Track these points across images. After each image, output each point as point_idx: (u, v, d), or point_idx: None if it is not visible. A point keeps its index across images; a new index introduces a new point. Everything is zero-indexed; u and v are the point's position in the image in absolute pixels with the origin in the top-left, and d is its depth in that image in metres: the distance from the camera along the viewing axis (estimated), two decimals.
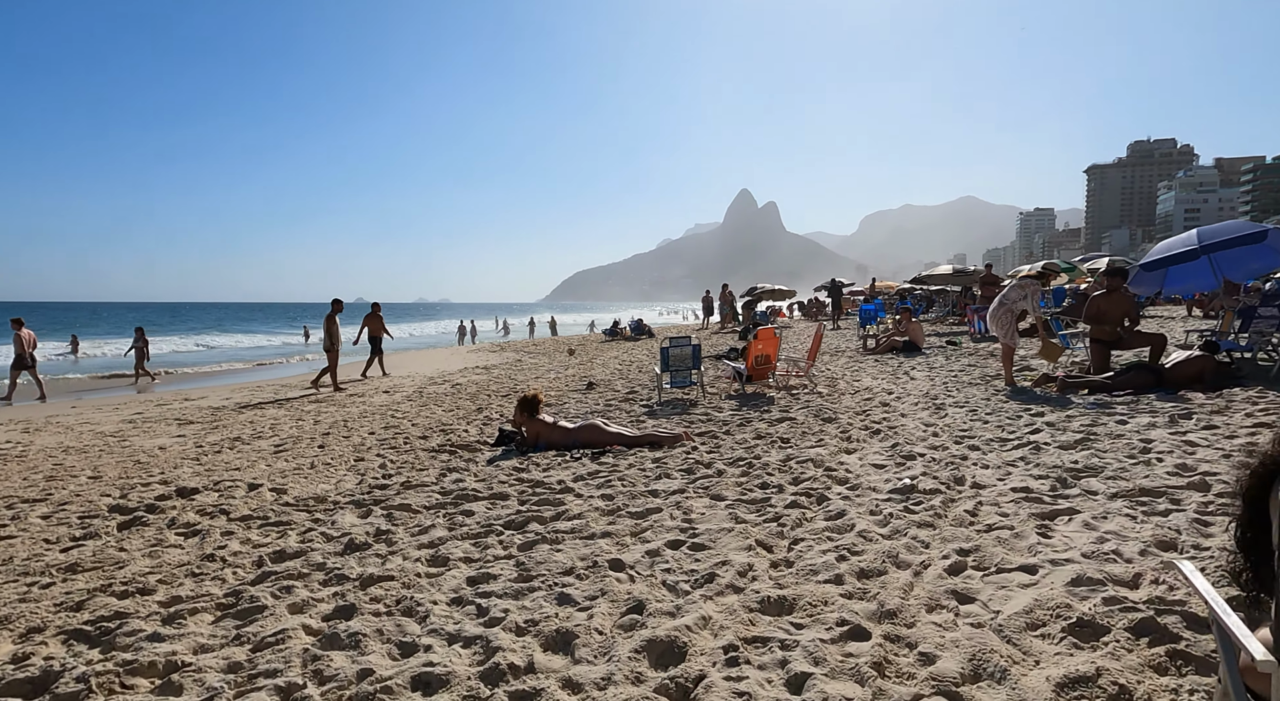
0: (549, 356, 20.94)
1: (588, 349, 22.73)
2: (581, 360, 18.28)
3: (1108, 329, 8.46)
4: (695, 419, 7.86)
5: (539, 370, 16.07)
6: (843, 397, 8.76)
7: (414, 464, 6.26)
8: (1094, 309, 8.66)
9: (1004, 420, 6.49)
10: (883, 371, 11.36)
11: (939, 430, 6.24)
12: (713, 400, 9.28)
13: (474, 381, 14.21)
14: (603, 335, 29.14)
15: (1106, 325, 8.48)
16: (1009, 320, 8.69)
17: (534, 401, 6.75)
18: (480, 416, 9.10)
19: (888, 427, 6.53)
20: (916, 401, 7.93)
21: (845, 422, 6.95)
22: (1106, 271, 8.89)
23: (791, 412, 7.90)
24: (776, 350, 9.73)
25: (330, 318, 14.33)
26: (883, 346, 14.11)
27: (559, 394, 11.09)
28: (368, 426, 8.80)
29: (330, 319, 14.31)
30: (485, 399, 11.05)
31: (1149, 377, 7.57)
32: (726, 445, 6.21)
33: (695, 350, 9.26)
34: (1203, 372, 7.47)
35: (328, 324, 14.24)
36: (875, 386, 9.61)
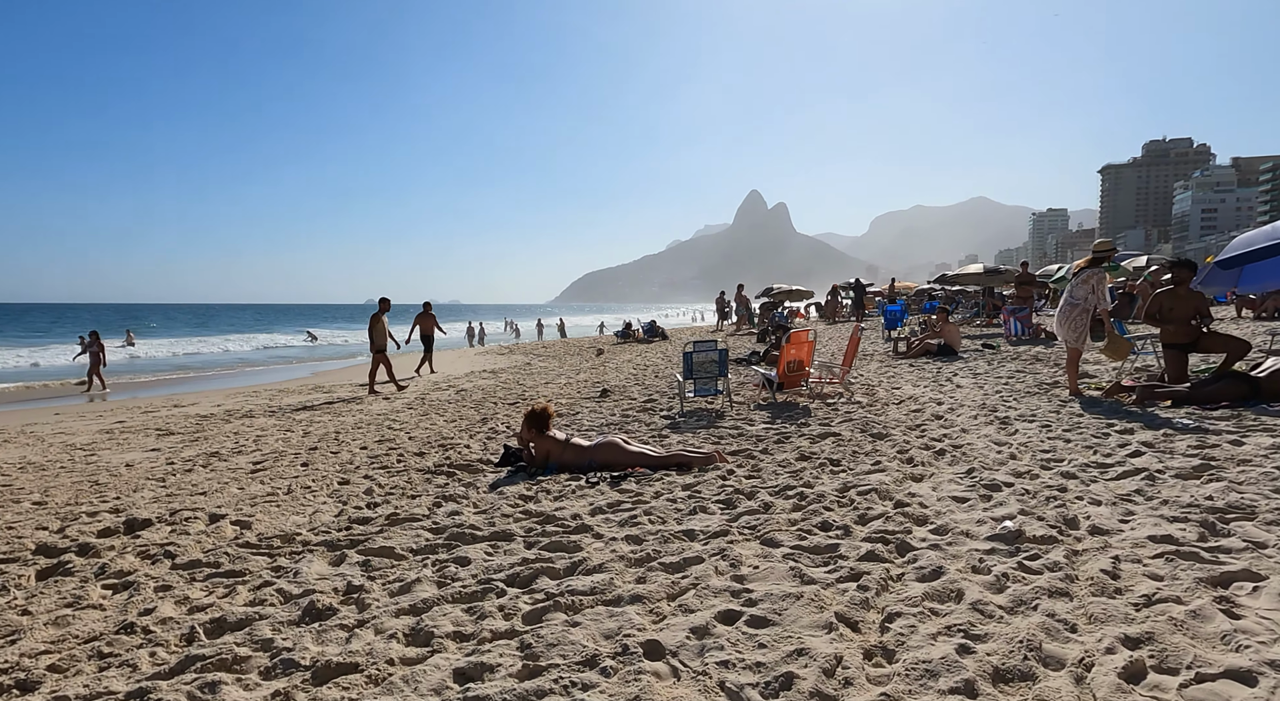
0: (559, 360, 20.12)
1: (595, 353, 21.88)
2: (594, 364, 17.43)
3: (1184, 330, 7.50)
4: (724, 433, 6.98)
5: (549, 374, 15.24)
6: (887, 408, 7.86)
7: (405, 489, 5.41)
8: (1156, 306, 7.68)
9: (1089, 439, 5.57)
10: (923, 377, 10.44)
11: (1015, 451, 5.33)
12: (741, 410, 8.40)
13: (480, 387, 13.38)
14: (614, 337, 28.29)
15: (1172, 325, 7.54)
16: (1083, 322, 7.76)
17: (543, 416, 5.90)
18: (484, 428, 8.25)
19: (951, 447, 5.63)
20: (975, 414, 7.02)
21: (900, 439, 6.05)
22: (1174, 263, 7.90)
23: (833, 426, 7.01)
24: (811, 355, 8.84)
25: (377, 317, 13.61)
26: (916, 350, 13.17)
27: (570, 402, 10.24)
28: (360, 439, 7.97)
29: (377, 319, 13.59)
30: (491, 407, 10.21)
31: (1243, 388, 6.62)
32: (768, 468, 5.33)
33: (722, 355, 8.38)
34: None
35: (374, 324, 13.49)
36: (920, 395, 8.70)
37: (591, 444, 5.82)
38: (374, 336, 13.46)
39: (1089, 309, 7.79)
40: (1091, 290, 7.75)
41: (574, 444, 5.84)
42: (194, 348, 37.24)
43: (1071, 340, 7.83)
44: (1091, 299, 7.76)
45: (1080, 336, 7.77)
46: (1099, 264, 7.94)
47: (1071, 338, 7.83)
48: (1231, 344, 7.52)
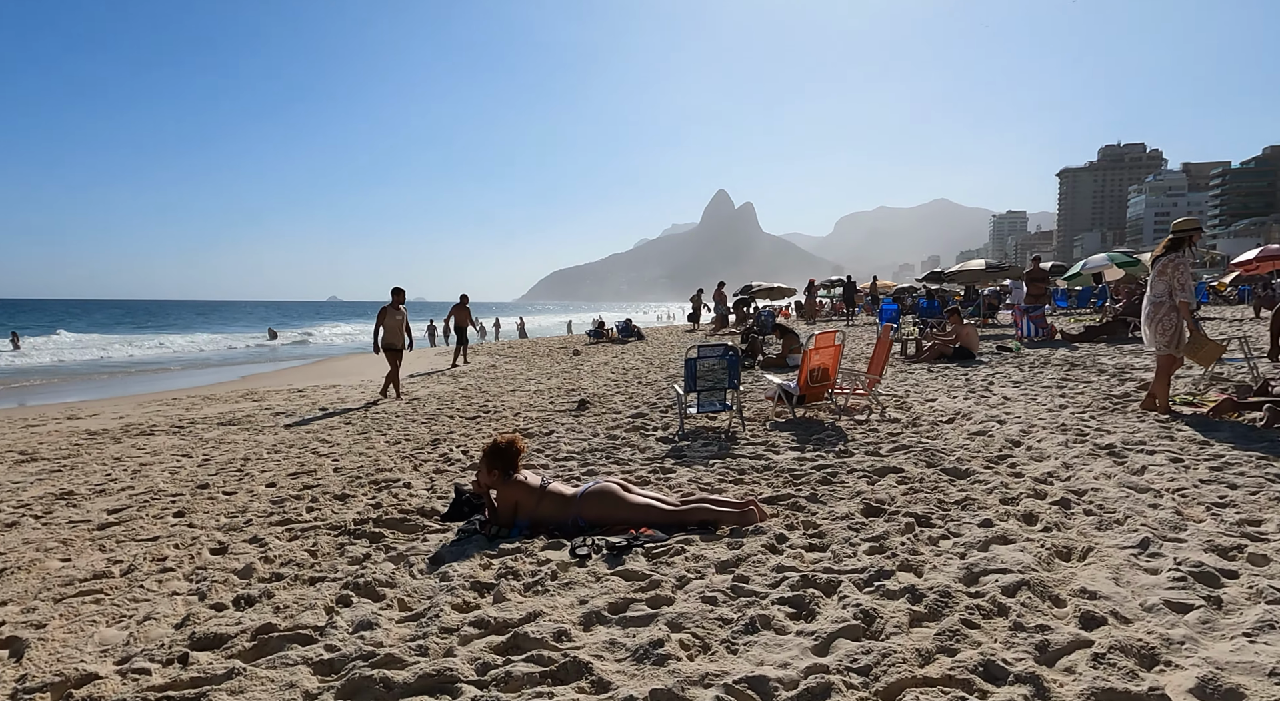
0: (527, 361, 18.34)
1: (571, 352, 20.14)
2: (566, 368, 15.70)
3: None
4: (745, 465, 5.37)
5: (516, 379, 13.48)
6: (939, 429, 6.33)
7: (304, 566, 3.67)
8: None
9: (1257, 479, 4.08)
10: (954, 386, 8.97)
11: (1171, 500, 3.82)
12: (755, 430, 6.80)
13: (436, 395, 11.58)
14: (586, 337, 26.55)
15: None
16: (1174, 322, 6.31)
17: (510, 453, 4.21)
18: (435, 454, 6.51)
19: (1071, 492, 4.10)
20: (1061, 439, 5.50)
21: (990, 480, 4.50)
22: None
23: (885, 455, 5.45)
24: (838, 362, 7.27)
25: (385, 312, 11.28)
26: (930, 353, 11.74)
27: (543, 415, 8.52)
28: (271, 471, 6.17)
29: (385, 313, 11.26)
30: (446, 422, 8.44)
31: None
32: (832, 532, 3.70)
33: (732, 362, 6.76)
34: None
35: (381, 319, 11.17)
36: (968, 410, 7.20)
37: (578, 492, 4.14)
38: (378, 333, 11.20)
39: (1176, 306, 6.35)
40: (1170, 281, 6.33)
41: (553, 492, 4.16)
42: (133, 347, 34.32)
43: (1163, 345, 6.37)
44: (1182, 294, 6.32)
45: (1174, 340, 6.32)
46: (1179, 248, 6.47)
47: (1162, 343, 6.37)
48: None
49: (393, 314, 11.33)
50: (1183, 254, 6.41)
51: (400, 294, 11.50)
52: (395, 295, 11.50)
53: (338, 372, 18.52)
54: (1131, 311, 13.61)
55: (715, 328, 27.20)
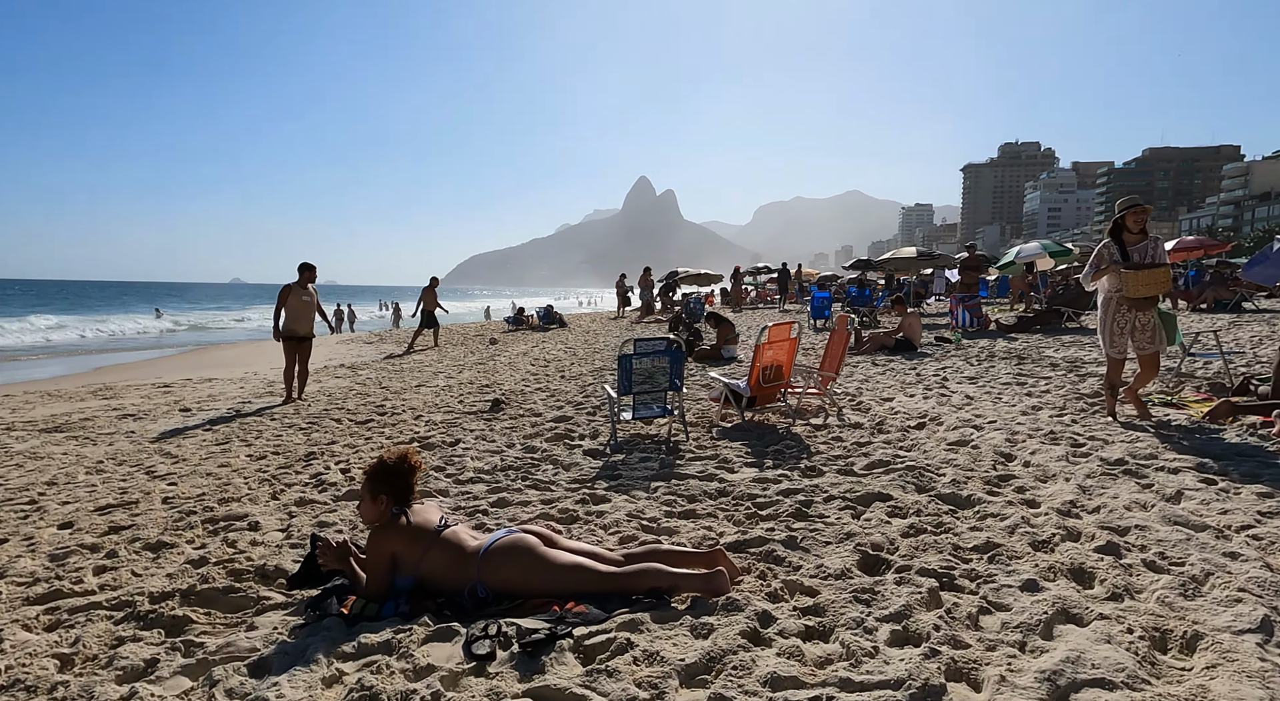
0: (438, 351, 16.82)
1: (488, 341, 18.70)
2: (481, 358, 14.32)
3: None
4: (695, 489, 4.33)
5: (423, 372, 12.04)
6: (912, 438, 5.48)
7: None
8: None
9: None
10: (906, 382, 8.24)
11: (1228, 534, 3.03)
12: (701, 439, 5.79)
13: (326, 391, 10.06)
14: (505, 324, 25.05)
15: None
16: (1104, 319, 5.67)
17: (400, 475, 3.04)
18: (306, 476, 5.17)
19: (1110, 530, 3.26)
20: (1059, 453, 4.72)
21: (1005, 511, 3.61)
22: None
23: (858, 472, 4.54)
24: (792, 358, 6.34)
25: (300, 287, 9.33)
26: (872, 344, 11.08)
27: (449, 419, 7.25)
28: (77, 503, 4.68)
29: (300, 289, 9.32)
30: (330, 429, 7.05)
31: None
32: (831, 605, 2.68)
33: (675, 358, 5.70)
34: None
35: (286, 299, 9.24)
36: (931, 411, 6.43)
37: (481, 547, 2.98)
38: (278, 317, 9.27)
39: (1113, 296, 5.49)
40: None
41: (447, 541, 2.99)
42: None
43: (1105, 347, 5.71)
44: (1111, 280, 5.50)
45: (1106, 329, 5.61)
46: (1117, 233, 5.54)
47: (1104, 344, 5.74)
48: None
49: (299, 294, 9.25)
50: (1114, 241, 5.52)
51: (310, 271, 9.44)
52: (303, 272, 9.40)
53: (222, 362, 16.48)
54: (1065, 301, 13.45)
55: (641, 315, 26.25)
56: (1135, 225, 5.46)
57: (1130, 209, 5.49)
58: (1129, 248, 5.45)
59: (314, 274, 9.53)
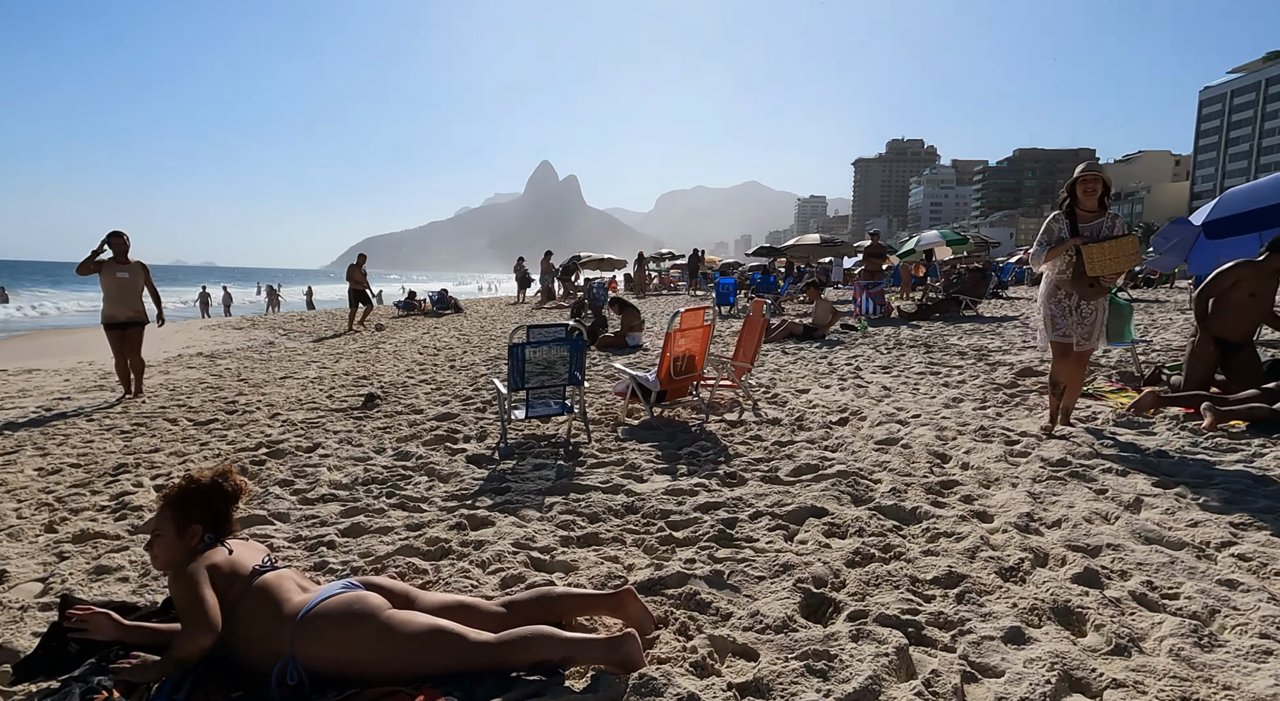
0: (315, 338, 15.29)
1: (373, 327, 17.25)
2: (363, 346, 13.03)
3: (1248, 323, 5.36)
4: (595, 502, 3.63)
5: (293, 361, 10.71)
6: (835, 435, 4.99)
7: None
8: (1228, 283, 5.23)
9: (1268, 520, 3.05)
10: (819, 372, 7.86)
11: (1211, 553, 2.65)
12: (604, 439, 5.09)
13: (172, 385, 8.65)
14: (395, 309, 23.41)
15: (1241, 319, 5.32)
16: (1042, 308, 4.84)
17: (215, 496, 2.21)
18: (103, 497, 4.07)
19: (1081, 551, 2.82)
20: (997, 454, 4.31)
21: (959, 530, 3.11)
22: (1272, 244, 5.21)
23: (784, 479, 3.97)
24: (706, 348, 5.72)
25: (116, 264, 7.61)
26: (781, 331, 10.73)
27: (312, 417, 6.20)
28: None
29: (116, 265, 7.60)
30: (162, 431, 5.84)
31: None
32: (774, 675, 2.05)
33: (575, 348, 4.94)
34: None
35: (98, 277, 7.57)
36: (850, 404, 6.00)
37: (300, 610, 2.15)
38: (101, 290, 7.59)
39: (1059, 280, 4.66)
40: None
41: (264, 593, 2.15)
42: None
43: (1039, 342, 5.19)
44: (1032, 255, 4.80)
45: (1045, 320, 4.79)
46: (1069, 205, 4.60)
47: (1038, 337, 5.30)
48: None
49: (113, 271, 7.54)
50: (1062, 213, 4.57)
51: (119, 240, 7.54)
52: (114, 243, 7.51)
53: (54, 350, 14.28)
54: (961, 289, 13.66)
55: (542, 301, 25.25)
56: (1088, 198, 4.47)
57: (1082, 176, 4.48)
58: (1081, 225, 4.48)
59: (125, 243, 7.64)
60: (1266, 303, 5.28)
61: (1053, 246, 4.53)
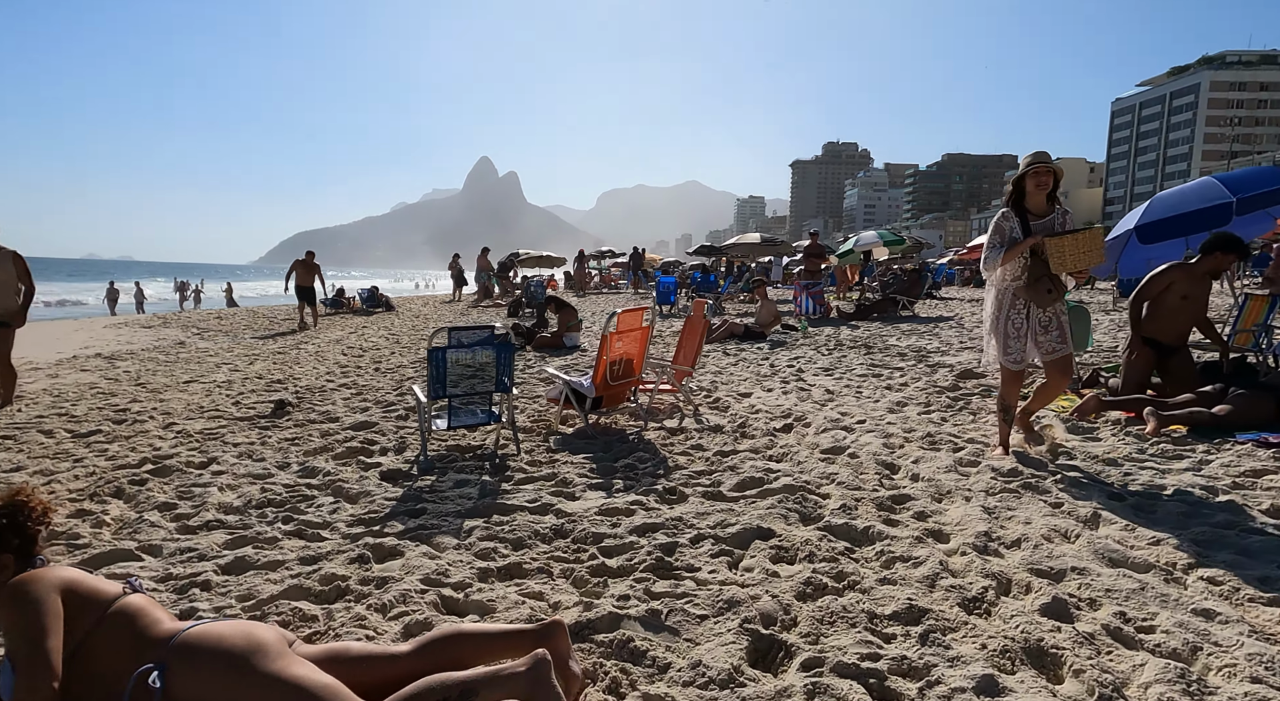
0: (234, 336, 14.35)
1: (277, 330, 16.33)
2: (282, 346, 12.23)
3: (1183, 325, 5.36)
4: (520, 525, 3.26)
5: (203, 363, 9.90)
6: (779, 443, 4.74)
7: None
8: (1161, 286, 5.19)
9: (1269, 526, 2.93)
10: (761, 374, 7.66)
11: (1179, 575, 2.49)
12: (533, 449, 4.71)
13: (57, 390, 7.80)
14: (323, 307, 22.33)
15: (1175, 322, 5.32)
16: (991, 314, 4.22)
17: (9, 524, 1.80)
18: None
19: (1044, 577, 2.62)
20: (946, 463, 4.13)
21: (916, 553, 2.87)
22: (1217, 243, 5.09)
23: (727, 495, 3.69)
24: (644, 350, 5.39)
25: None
26: (722, 332, 10.52)
27: (208, 430, 5.59)
28: None
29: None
30: (26, 446, 5.14)
31: (1268, 404, 4.64)
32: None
33: (502, 353, 4.54)
34: None
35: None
36: (794, 409, 5.79)
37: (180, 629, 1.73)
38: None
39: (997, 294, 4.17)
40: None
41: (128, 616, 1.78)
42: None
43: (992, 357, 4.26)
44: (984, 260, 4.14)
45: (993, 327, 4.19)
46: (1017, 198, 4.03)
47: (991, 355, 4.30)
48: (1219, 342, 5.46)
49: None
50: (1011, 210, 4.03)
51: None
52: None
53: None
54: (898, 290, 13.78)
55: (478, 299, 24.55)
56: (1038, 192, 3.91)
57: (1033, 169, 3.89)
58: (1033, 223, 3.94)
59: None
60: (1199, 306, 5.29)
61: (1008, 247, 3.94)
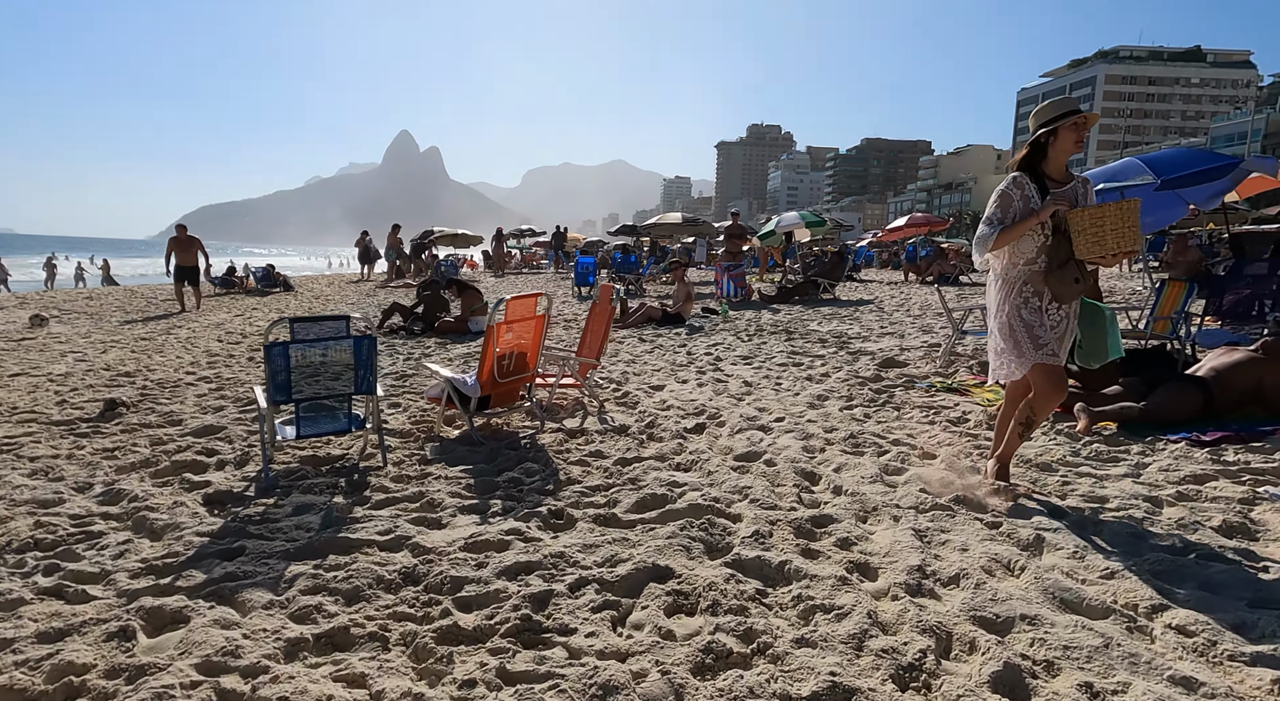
0: (99, 320, 12.81)
1: (154, 312, 14.80)
2: (149, 334, 10.91)
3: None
4: (360, 569, 2.59)
5: (46, 351, 8.59)
6: (688, 447, 4.21)
7: None
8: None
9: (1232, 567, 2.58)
10: (676, 363, 7.13)
11: (1144, 625, 2.08)
12: (403, 460, 4.02)
13: None
14: (212, 286, 20.53)
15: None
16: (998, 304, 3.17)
17: None
18: None
19: (989, 628, 2.17)
20: (871, 472, 3.68)
21: (839, 600, 2.38)
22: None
23: (622, 517, 3.12)
24: (540, 341, 4.74)
25: None
26: (640, 316, 9.95)
27: (8, 439, 4.60)
28: None
29: None
30: None
31: (1196, 398, 4.41)
32: None
33: (362, 348, 3.81)
34: (1261, 385, 4.52)
35: None
36: (707, 404, 5.28)
37: None
38: None
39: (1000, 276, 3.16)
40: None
41: None
42: None
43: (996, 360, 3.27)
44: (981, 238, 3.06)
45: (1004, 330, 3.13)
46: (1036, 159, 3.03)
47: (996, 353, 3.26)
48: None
49: None
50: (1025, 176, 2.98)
51: None
52: None
53: None
54: (820, 272, 13.56)
55: (388, 279, 23.18)
56: (1074, 149, 2.94)
57: (1068, 115, 2.88)
58: (1054, 191, 2.93)
59: None
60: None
61: (1019, 219, 2.88)
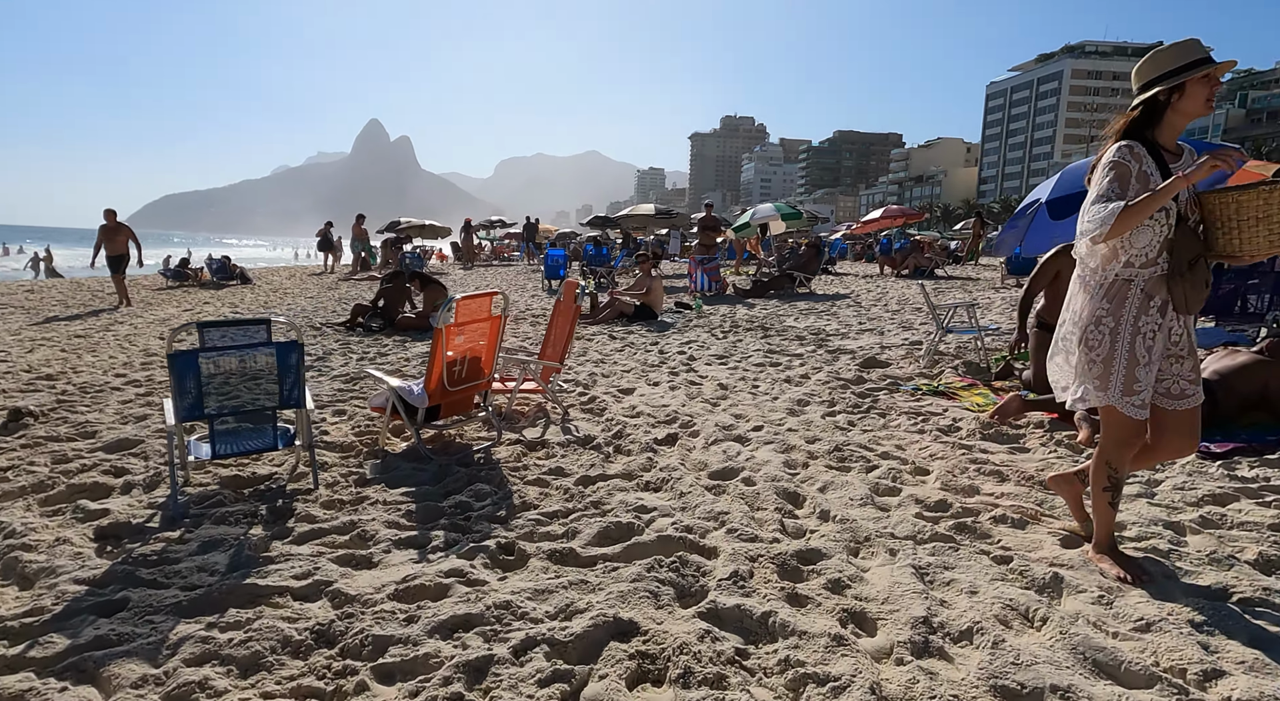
0: (32, 314, 12.04)
1: (97, 307, 14.01)
2: (84, 330, 10.22)
3: None
4: (264, 626, 2.15)
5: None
6: (657, 463, 3.82)
7: None
8: (1050, 275, 4.89)
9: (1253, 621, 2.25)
10: (648, 364, 6.74)
11: (1205, 696, 1.74)
12: (342, 481, 3.57)
13: None
14: (162, 279, 19.66)
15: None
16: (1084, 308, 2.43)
17: None
18: None
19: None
20: (861, 492, 3.33)
21: (834, 665, 2.02)
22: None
23: (581, 552, 2.72)
24: (496, 345, 4.30)
25: None
26: (610, 312, 9.53)
27: None
28: None
29: None
30: None
31: None
32: None
33: (288, 354, 3.35)
34: (1266, 388, 4.26)
35: None
36: (680, 411, 4.89)
37: None
38: None
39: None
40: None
41: None
42: None
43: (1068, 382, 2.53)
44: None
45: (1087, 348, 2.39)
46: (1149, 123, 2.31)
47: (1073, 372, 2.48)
48: None
49: None
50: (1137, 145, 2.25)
51: None
52: None
53: None
54: (795, 266, 13.24)
55: (353, 271, 22.44)
56: (1204, 108, 2.25)
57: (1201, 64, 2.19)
58: (1172, 165, 2.27)
59: None
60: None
61: (1149, 195, 2.13)
